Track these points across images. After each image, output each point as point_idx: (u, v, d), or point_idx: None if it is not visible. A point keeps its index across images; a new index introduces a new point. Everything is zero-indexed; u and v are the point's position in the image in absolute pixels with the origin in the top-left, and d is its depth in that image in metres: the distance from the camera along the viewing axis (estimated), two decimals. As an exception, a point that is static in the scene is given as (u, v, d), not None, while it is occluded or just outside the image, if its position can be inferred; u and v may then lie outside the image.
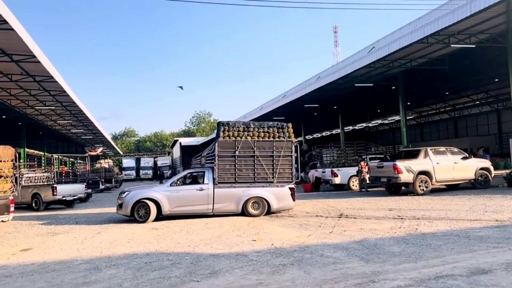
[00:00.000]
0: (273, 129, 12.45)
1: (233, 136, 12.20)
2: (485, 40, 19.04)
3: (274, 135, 12.39)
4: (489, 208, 10.94)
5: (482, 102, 41.02)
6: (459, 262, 5.69)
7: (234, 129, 12.28)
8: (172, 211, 11.95)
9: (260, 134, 12.33)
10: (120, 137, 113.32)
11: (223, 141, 12.16)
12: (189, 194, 12.06)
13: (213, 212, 12.05)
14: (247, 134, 12.27)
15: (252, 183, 12.18)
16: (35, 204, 18.31)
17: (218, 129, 12.39)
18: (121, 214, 12.36)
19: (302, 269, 5.78)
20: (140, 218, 11.74)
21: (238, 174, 12.12)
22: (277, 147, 12.27)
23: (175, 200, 11.93)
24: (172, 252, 7.41)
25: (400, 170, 15.73)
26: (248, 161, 12.19)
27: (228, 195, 12.04)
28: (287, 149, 12.35)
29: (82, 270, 6.43)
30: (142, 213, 11.77)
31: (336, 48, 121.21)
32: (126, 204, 11.86)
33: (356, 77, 25.95)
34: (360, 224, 9.55)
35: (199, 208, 12.02)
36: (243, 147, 12.17)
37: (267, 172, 12.19)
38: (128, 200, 11.87)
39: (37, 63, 19.51)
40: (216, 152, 12.08)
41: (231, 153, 12.11)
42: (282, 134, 12.43)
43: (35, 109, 32.39)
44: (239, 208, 12.03)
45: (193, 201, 12.00)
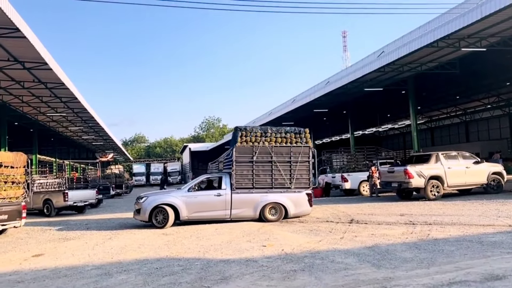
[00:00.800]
0: (290, 134, 12.45)
1: (250, 142, 12.20)
2: (496, 44, 18.86)
3: (291, 141, 12.39)
4: (502, 213, 10.79)
5: (493, 106, 40.55)
6: (472, 268, 5.61)
7: (251, 134, 12.26)
8: (190, 217, 11.90)
9: (277, 140, 12.33)
10: (130, 143, 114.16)
11: (240, 146, 12.15)
12: (207, 199, 12.02)
13: (230, 217, 12.00)
14: (264, 139, 12.28)
15: (269, 189, 12.18)
16: (46, 210, 18.46)
17: (236, 134, 12.38)
18: (138, 220, 12.29)
19: (313, 275, 5.74)
20: (158, 223, 11.66)
21: (256, 180, 12.12)
22: (295, 153, 12.29)
23: (193, 205, 11.88)
24: (183, 258, 7.42)
25: (411, 175, 15.59)
26: (265, 167, 12.19)
27: (245, 201, 12.02)
28: (304, 154, 12.36)
29: (93, 275, 6.46)
30: (160, 219, 11.70)
31: (345, 53, 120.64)
32: (144, 210, 11.78)
33: (365, 82, 25.86)
34: (371, 230, 9.47)
35: (216, 214, 11.97)
36: (261, 152, 12.16)
37: (285, 177, 12.20)
38: (146, 205, 11.79)
39: (48, 70, 19.76)
40: (234, 157, 12.06)
41: (249, 158, 12.11)
42: (299, 140, 12.44)
43: (47, 115, 32.77)
44: (257, 214, 12.01)
45: (211, 207, 11.96)
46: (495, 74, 27.52)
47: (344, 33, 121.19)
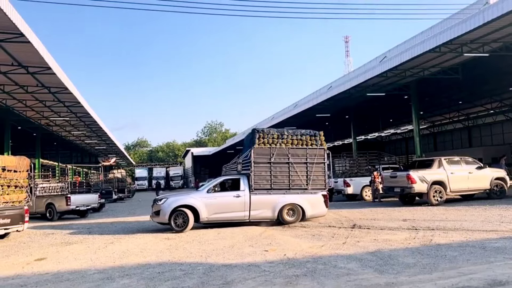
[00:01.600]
0: (306, 136, 12.67)
1: (268, 143, 12.32)
2: (499, 49, 18.85)
3: (307, 143, 12.61)
4: (505, 219, 10.75)
5: (496, 111, 40.45)
6: (475, 274, 5.59)
7: (268, 136, 12.41)
8: (210, 218, 11.82)
9: (293, 142, 12.51)
10: (133, 147, 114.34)
11: (258, 148, 12.25)
12: (226, 200, 11.97)
13: (249, 219, 12.01)
14: (281, 141, 12.41)
15: (287, 190, 12.29)
16: (49, 214, 18.47)
17: (253, 136, 12.48)
18: (156, 222, 12.14)
19: (315, 280, 5.73)
20: (177, 227, 11.53)
21: (274, 181, 12.22)
22: (310, 155, 12.49)
23: (213, 207, 11.81)
24: (185, 262, 7.42)
25: (414, 180, 15.56)
26: (282, 168, 12.31)
27: (264, 202, 12.07)
28: (320, 156, 12.59)
29: (95, 279, 6.46)
30: (180, 222, 11.55)
31: (347, 58, 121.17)
32: (164, 212, 11.61)
33: (368, 87, 25.86)
34: (374, 235, 9.45)
35: (235, 215, 11.95)
36: (278, 154, 12.29)
37: (301, 179, 12.36)
38: (166, 207, 11.62)
39: (52, 75, 19.84)
40: (252, 158, 12.13)
41: (267, 159, 12.22)
42: (314, 142, 12.68)
43: (50, 120, 32.86)
44: (275, 215, 12.07)
45: (230, 208, 11.92)
46: (498, 79, 27.46)
47: (346, 38, 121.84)
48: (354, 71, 36.24)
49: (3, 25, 13.94)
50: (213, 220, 11.90)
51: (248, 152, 12.31)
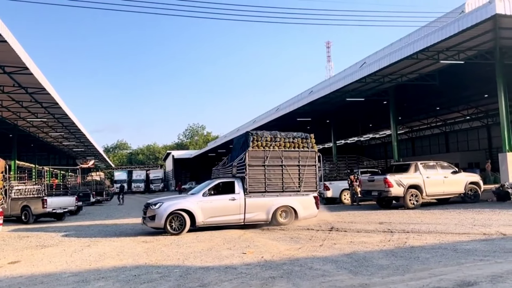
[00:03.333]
0: (298, 139, 12.87)
1: (261, 146, 12.38)
2: (474, 57, 19.40)
3: (299, 145, 12.79)
4: (477, 222, 11.04)
5: (472, 118, 41.49)
6: (446, 275, 5.75)
7: (262, 139, 12.49)
8: (206, 222, 11.68)
9: (286, 145, 12.65)
10: (112, 149, 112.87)
11: (253, 150, 12.28)
12: (222, 204, 11.90)
13: (244, 222, 12.02)
14: (274, 144, 12.52)
15: (280, 192, 12.41)
16: (24, 216, 18.07)
17: (247, 139, 12.51)
18: (151, 227, 11.84)
19: (291, 281, 5.80)
20: (173, 230, 11.29)
21: (268, 184, 12.30)
22: (303, 157, 12.69)
23: (209, 210, 11.70)
24: (162, 265, 7.39)
25: (390, 184, 15.83)
26: (276, 171, 12.42)
27: (258, 205, 12.13)
28: (311, 159, 12.82)
29: (70, 282, 6.39)
30: (176, 225, 11.35)
31: (329, 63, 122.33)
32: (160, 216, 11.32)
33: (347, 92, 26.24)
34: (350, 237, 9.59)
35: (231, 218, 11.92)
36: (272, 157, 12.40)
37: (294, 181, 12.52)
38: (162, 211, 11.35)
39: (29, 75, 19.53)
40: (247, 161, 12.15)
41: (261, 162, 12.29)
42: (306, 145, 12.89)
43: (27, 121, 32.26)
44: (269, 217, 12.14)
45: (226, 211, 11.86)
46: (474, 86, 28.19)
47: (328, 44, 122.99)
48: (334, 76, 36.70)
49: (-22, 23, 13.69)
50: (209, 224, 11.79)
51: (243, 155, 12.34)
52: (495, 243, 8.00)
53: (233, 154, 14.06)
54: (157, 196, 18.02)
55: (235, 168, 12.58)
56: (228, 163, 14.14)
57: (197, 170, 72.09)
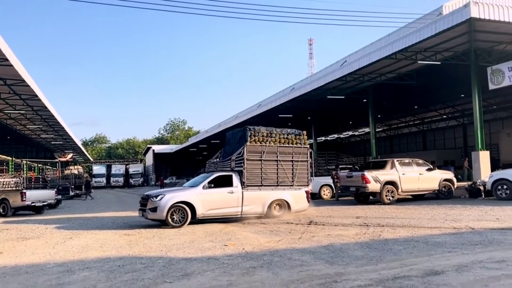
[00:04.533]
0: (292, 135, 13.45)
1: (258, 141, 12.77)
2: (450, 58, 20.01)
3: (292, 141, 13.34)
4: (449, 217, 11.54)
5: (449, 117, 42.56)
6: (416, 265, 6.11)
7: (259, 134, 12.90)
8: (205, 214, 11.92)
9: (281, 140, 13.13)
10: (90, 143, 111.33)
11: (250, 145, 12.65)
12: (221, 197, 12.20)
13: (241, 214, 12.35)
14: (270, 139, 12.95)
15: (275, 186, 12.87)
16: (2, 209, 17.92)
17: (245, 134, 12.89)
18: (151, 219, 11.92)
19: (271, 271, 6.08)
20: (175, 223, 11.44)
21: (264, 178, 12.73)
22: (296, 153, 13.25)
23: (208, 203, 11.96)
24: (145, 256, 7.58)
25: (368, 180, 16.29)
26: (272, 165, 12.88)
27: (255, 198, 12.53)
28: (303, 154, 13.44)
29: (55, 272, 6.53)
30: (178, 218, 11.51)
31: (311, 60, 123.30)
32: (161, 208, 11.42)
33: (328, 89, 26.65)
34: (328, 231, 9.94)
35: (229, 211, 12.24)
36: (268, 152, 12.83)
37: (288, 176, 13.04)
38: (164, 204, 11.45)
39: (9, 66, 19.25)
40: (245, 156, 12.49)
41: (258, 157, 12.69)
42: (299, 141, 13.46)
43: (4, 113, 31.65)
44: (265, 210, 12.58)
45: (224, 204, 12.16)
46: (450, 86, 28.97)
47: (310, 41, 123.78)
48: (316, 74, 37.18)
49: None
50: (208, 216, 12.04)
51: (242, 149, 12.67)
52: (463, 236, 8.45)
53: (227, 149, 14.38)
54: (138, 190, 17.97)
55: (234, 162, 12.84)
56: (221, 157, 14.43)
57: (178, 165, 71.89)
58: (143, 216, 12.16)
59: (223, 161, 13.80)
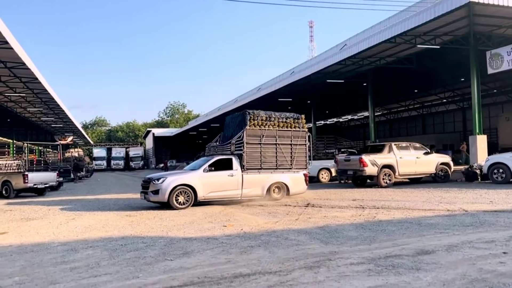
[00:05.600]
0: (290, 119, 13.62)
1: (257, 125, 12.95)
2: (449, 42, 20.00)
3: (291, 125, 13.52)
4: (444, 200, 11.78)
5: (449, 101, 42.54)
6: (407, 245, 6.34)
7: (258, 118, 13.08)
8: (206, 197, 12.18)
9: (279, 124, 13.33)
10: (90, 126, 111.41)
11: (250, 129, 12.83)
12: (221, 180, 12.43)
13: (241, 197, 12.64)
14: (269, 123, 13.14)
15: (274, 169, 13.12)
16: (5, 191, 18.19)
17: (245, 117, 13.05)
18: (153, 201, 12.13)
19: (268, 249, 6.31)
20: (179, 204, 11.64)
21: (263, 161, 12.96)
22: (295, 136, 13.48)
23: (209, 185, 12.18)
24: (147, 236, 7.82)
25: (365, 164, 16.50)
26: (271, 149, 13.10)
27: (255, 181, 12.79)
28: (302, 138, 13.65)
29: (60, 251, 6.76)
30: (183, 200, 11.72)
31: (311, 43, 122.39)
32: (163, 191, 11.64)
33: (328, 73, 26.68)
34: (325, 212, 10.18)
35: (229, 194, 12.51)
36: (267, 135, 13.04)
37: (286, 159, 13.27)
38: (165, 186, 11.67)
39: (9, 49, 19.25)
40: (245, 139, 12.68)
41: (257, 140, 12.90)
42: (297, 125, 13.63)
43: (5, 95, 31.68)
44: (264, 193, 12.87)
45: (225, 187, 12.43)
46: (450, 70, 28.95)
47: (311, 23, 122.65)
48: (315, 58, 37.08)
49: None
50: (209, 198, 12.31)
51: (241, 133, 12.86)
52: (456, 218, 8.68)
53: (226, 132, 14.56)
54: (138, 173, 18.12)
55: (233, 146, 13.04)
56: (220, 141, 14.63)
57: (178, 149, 72.16)
58: (145, 199, 12.41)
59: (222, 144, 14.00)
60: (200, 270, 5.30)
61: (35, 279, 5.15)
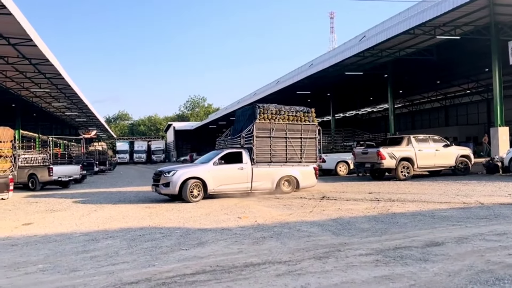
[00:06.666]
0: (300, 113, 13.62)
1: (267, 119, 13.02)
2: (470, 32, 19.63)
3: (301, 119, 13.54)
4: (461, 193, 11.70)
5: (472, 92, 41.63)
6: (418, 237, 6.41)
7: (268, 112, 13.14)
8: (216, 190, 12.26)
9: (289, 118, 13.37)
10: (113, 120, 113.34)
11: (260, 123, 12.90)
12: (231, 173, 12.50)
13: (251, 190, 12.70)
14: (279, 116, 13.19)
15: (284, 163, 13.15)
16: (31, 184, 18.85)
17: (254, 111, 13.12)
18: (164, 194, 12.32)
19: (279, 240, 6.48)
20: (194, 197, 11.76)
21: (273, 154, 13.01)
22: (305, 130, 13.49)
23: (219, 178, 12.25)
24: (164, 227, 8.09)
25: (383, 156, 16.44)
26: (280, 142, 13.15)
27: (264, 174, 12.84)
28: (312, 132, 13.66)
29: (81, 241, 7.09)
30: (196, 193, 11.86)
31: (332, 34, 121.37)
32: (174, 183, 11.75)
33: (346, 66, 26.52)
34: (339, 205, 10.27)
35: (239, 187, 12.55)
36: (277, 129, 13.11)
37: (296, 152, 13.31)
38: (176, 179, 11.77)
39: (33, 46, 19.87)
40: (255, 133, 12.76)
41: (267, 134, 12.96)
42: (307, 118, 13.64)
43: (30, 91, 32.68)
44: (274, 186, 12.93)
45: (235, 180, 12.49)
46: (473, 60, 28.32)
47: (331, 14, 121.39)
48: (334, 50, 36.85)
49: (-16, -4, 14.00)
50: (219, 191, 12.40)
51: (251, 127, 12.92)
52: (471, 211, 8.66)
53: (236, 126, 14.66)
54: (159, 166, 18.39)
55: (243, 139, 13.09)
56: (230, 135, 14.73)
57: (198, 142, 72.80)
58: (156, 191, 12.57)
59: (232, 138, 14.06)
60: (212, 259, 5.51)
61: (57, 267, 5.45)
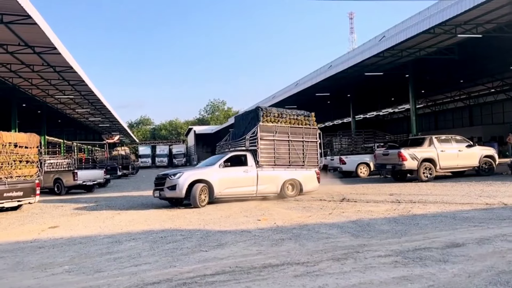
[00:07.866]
0: (301, 117, 13.67)
1: (270, 121, 13.04)
2: (492, 30, 19.24)
3: (302, 122, 13.56)
4: (484, 194, 11.48)
5: (497, 90, 40.64)
6: (438, 238, 6.35)
7: (271, 114, 13.14)
8: (222, 193, 12.04)
9: (291, 121, 13.39)
10: (136, 125, 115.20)
11: (263, 125, 12.86)
12: (237, 176, 12.35)
13: (256, 194, 12.55)
14: (281, 120, 13.23)
15: (287, 166, 13.10)
16: (57, 188, 19.39)
17: (258, 114, 13.09)
18: (169, 197, 12.05)
19: (298, 242, 6.52)
20: (201, 202, 11.54)
21: (277, 157, 12.93)
22: (306, 134, 13.50)
23: (225, 181, 12.08)
24: (185, 229, 8.23)
25: (404, 158, 16.24)
26: (284, 145, 13.10)
27: (269, 178, 12.72)
28: (313, 135, 13.67)
29: (105, 243, 7.29)
30: (203, 197, 11.64)
31: (351, 35, 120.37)
32: (180, 186, 11.52)
33: (366, 66, 26.30)
34: (359, 207, 10.23)
35: (245, 190, 12.38)
36: (280, 132, 13.06)
37: (299, 156, 13.27)
38: (182, 182, 11.56)
39: (57, 54, 20.45)
40: (259, 135, 12.63)
41: (271, 137, 12.91)
42: (308, 122, 13.68)
43: (55, 98, 33.59)
44: (278, 190, 12.81)
45: (240, 183, 12.32)
46: (498, 58, 27.64)
47: (351, 15, 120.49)
48: (353, 51, 36.51)
49: (11, 7, 14.54)
50: (225, 195, 12.12)
51: (255, 129, 12.82)
52: (494, 212, 8.51)
53: (236, 131, 14.56)
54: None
55: (248, 141, 13.01)
56: (230, 140, 14.64)
57: (218, 145, 73.16)
58: (159, 196, 12.16)
59: (235, 141, 13.91)
60: (232, 260, 5.60)
61: (82, 268, 5.64)
